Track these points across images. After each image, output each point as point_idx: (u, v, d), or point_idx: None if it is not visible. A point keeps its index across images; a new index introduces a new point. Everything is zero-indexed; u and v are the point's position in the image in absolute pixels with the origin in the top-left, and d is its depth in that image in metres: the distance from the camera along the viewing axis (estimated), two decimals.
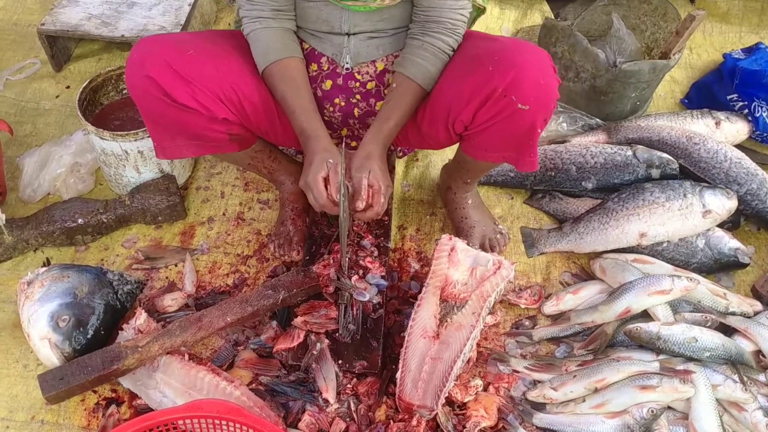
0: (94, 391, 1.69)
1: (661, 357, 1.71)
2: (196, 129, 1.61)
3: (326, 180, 1.54)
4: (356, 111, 1.76)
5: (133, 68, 1.55)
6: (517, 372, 1.75)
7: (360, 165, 1.55)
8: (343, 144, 1.69)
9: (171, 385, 1.62)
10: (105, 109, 2.14)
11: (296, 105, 1.60)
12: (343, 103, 1.75)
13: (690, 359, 1.70)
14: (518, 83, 1.48)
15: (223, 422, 1.41)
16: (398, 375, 1.63)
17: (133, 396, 1.68)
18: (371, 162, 1.55)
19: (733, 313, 1.81)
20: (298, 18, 1.68)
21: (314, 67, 1.71)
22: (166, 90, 1.53)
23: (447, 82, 1.61)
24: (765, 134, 2.29)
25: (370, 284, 1.79)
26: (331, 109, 1.76)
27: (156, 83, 1.52)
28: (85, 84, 2.05)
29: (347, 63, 1.69)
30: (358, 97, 1.74)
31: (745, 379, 1.68)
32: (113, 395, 1.70)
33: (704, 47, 2.71)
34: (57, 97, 2.43)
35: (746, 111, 2.30)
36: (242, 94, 1.62)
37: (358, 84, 1.72)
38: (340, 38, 1.66)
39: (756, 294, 1.93)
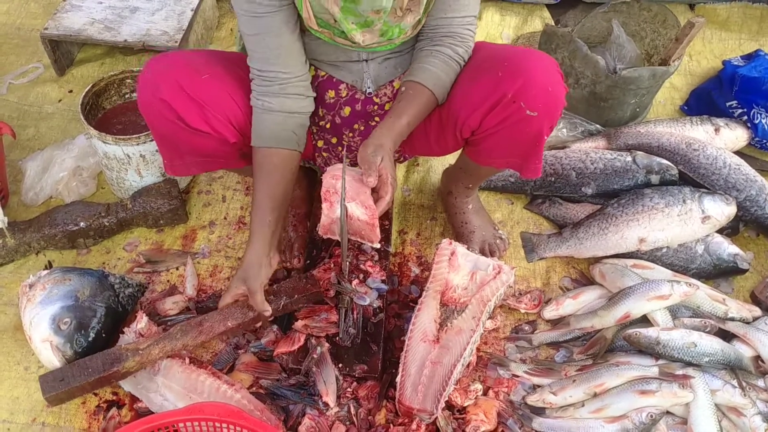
0: (95, 394, 1.70)
1: (660, 362, 1.71)
2: (206, 149, 1.62)
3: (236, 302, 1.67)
4: None
5: (146, 89, 1.53)
6: (517, 376, 1.76)
7: (374, 150, 1.48)
8: (344, 151, 1.69)
9: (172, 388, 1.62)
10: (107, 114, 2.14)
11: (257, 197, 1.60)
12: (362, 128, 1.74)
13: (689, 364, 1.71)
14: (527, 89, 1.49)
15: (224, 425, 1.41)
16: (398, 379, 1.64)
17: (134, 399, 1.68)
18: (384, 150, 1.49)
19: (732, 319, 1.81)
20: (313, 52, 1.64)
21: (332, 94, 1.68)
22: (179, 114, 1.52)
23: (456, 88, 1.61)
24: (764, 141, 2.29)
25: (371, 288, 1.79)
26: (351, 135, 1.76)
27: (170, 106, 1.51)
28: (87, 88, 2.06)
29: (369, 88, 1.67)
30: (377, 119, 1.73)
31: (744, 384, 1.69)
32: (114, 398, 1.70)
33: (704, 54, 2.72)
34: (60, 101, 2.44)
35: (745, 118, 2.30)
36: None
37: (376, 107, 1.71)
38: (358, 65, 1.64)
39: (755, 300, 1.94)
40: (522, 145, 1.61)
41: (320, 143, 1.81)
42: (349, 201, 1.50)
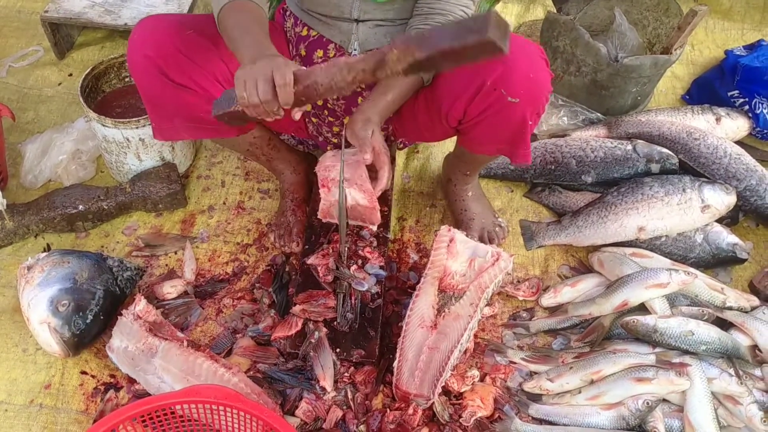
0: (93, 376, 1.71)
1: (657, 350, 1.72)
2: (193, 110, 1.60)
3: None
4: (360, 100, 1.75)
5: (133, 47, 1.55)
6: (514, 363, 1.76)
7: (363, 125, 1.52)
8: (344, 137, 1.68)
9: (169, 370, 1.62)
10: (107, 97, 2.14)
11: (241, 24, 1.42)
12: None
13: (686, 352, 1.71)
14: (507, 76, 1.48)
15: (221, 408, 1.41)
16: (395, 364, 1.64)
17: (132, 381, 1.68)
18: (373, 124, 1.52)
19: (730, 308, 1.82)
20: (308, 1, 1.66)
21: (320, 53, 1.70)
22: (163, 69, 1.53)
23: (440, 76, 1.60)
24: (765, 131, 2.28)
25: (369, 274, 1.79)
26: (336, 97, 1.76)
27: (154, 62, 1.52)
28: (87, 71, 2.06)
29: (355, 50, 1.67)
30: (362, 85, 1.73)
31: (741, 373, 1.69)
32: (111, 380, 1.71)
33: (706, 44, 2.71)
34: (59, 84, 2.44)
35: (747, 107, 2.30)
36: None
37: None
38: (348, 24, 1.64)
39: (753, 289, 1.94)
40: (508, 132, 1.60)
41: (308, 107, 1.81)
42: (347, 187, 1.50)
